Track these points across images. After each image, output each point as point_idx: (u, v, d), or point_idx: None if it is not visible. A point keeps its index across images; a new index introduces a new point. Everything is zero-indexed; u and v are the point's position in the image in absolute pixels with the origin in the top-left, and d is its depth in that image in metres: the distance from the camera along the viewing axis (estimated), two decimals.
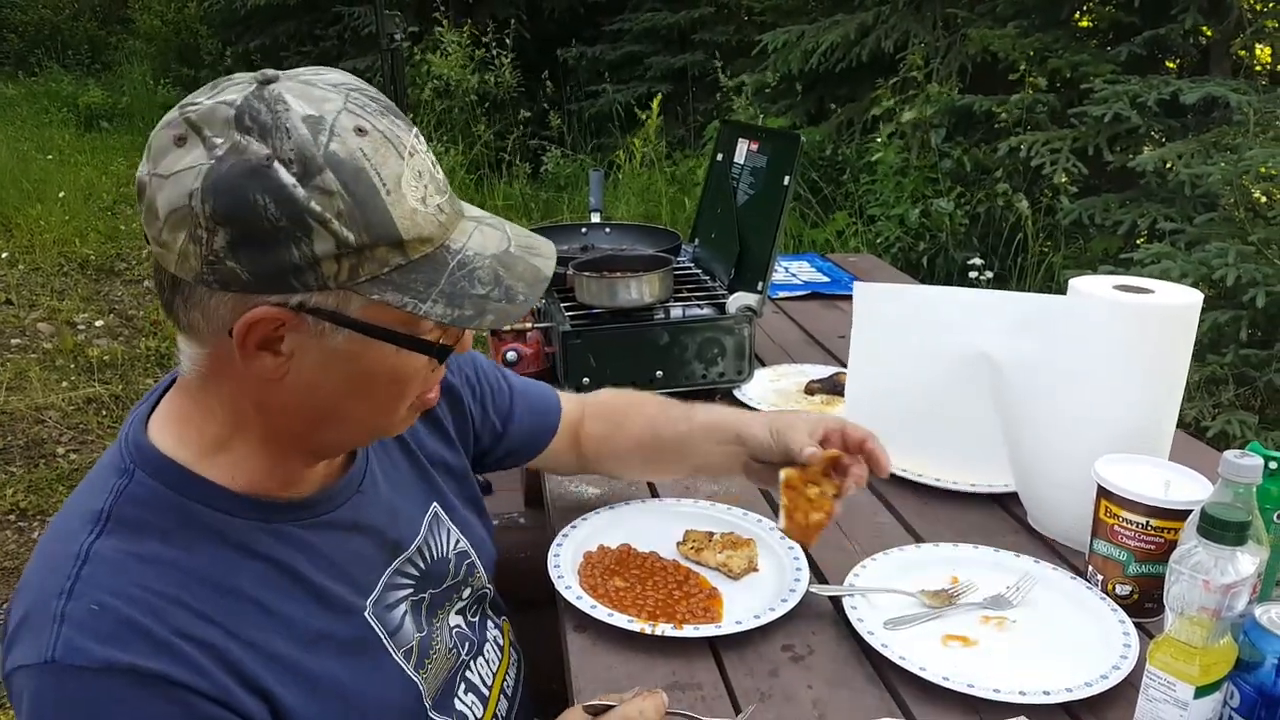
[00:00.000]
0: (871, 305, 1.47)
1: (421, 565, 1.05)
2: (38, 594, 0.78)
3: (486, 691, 1.11)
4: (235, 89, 0.78)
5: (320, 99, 0.77)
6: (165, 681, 0.77)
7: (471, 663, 1.10)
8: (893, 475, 1.46)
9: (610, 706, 0.90)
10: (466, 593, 1.12)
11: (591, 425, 1.33)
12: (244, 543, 0.86)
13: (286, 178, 0.73)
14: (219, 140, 0.75)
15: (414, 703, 0.98)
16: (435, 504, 1.09)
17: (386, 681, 0.95)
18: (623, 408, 1.34)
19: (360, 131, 0.76)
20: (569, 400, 1.33)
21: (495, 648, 1.16)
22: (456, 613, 1.10)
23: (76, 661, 0.75)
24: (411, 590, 1.02)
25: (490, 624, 1.18)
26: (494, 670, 1.14)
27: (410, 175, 0.78)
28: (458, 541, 1.11)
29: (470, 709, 1.07)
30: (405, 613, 1.00)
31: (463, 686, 1.08)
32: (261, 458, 0.88)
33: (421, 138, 0.82)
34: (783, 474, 1.13)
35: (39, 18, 13.01)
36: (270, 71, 0.80)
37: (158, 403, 0.91)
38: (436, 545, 1.07)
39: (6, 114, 9.75)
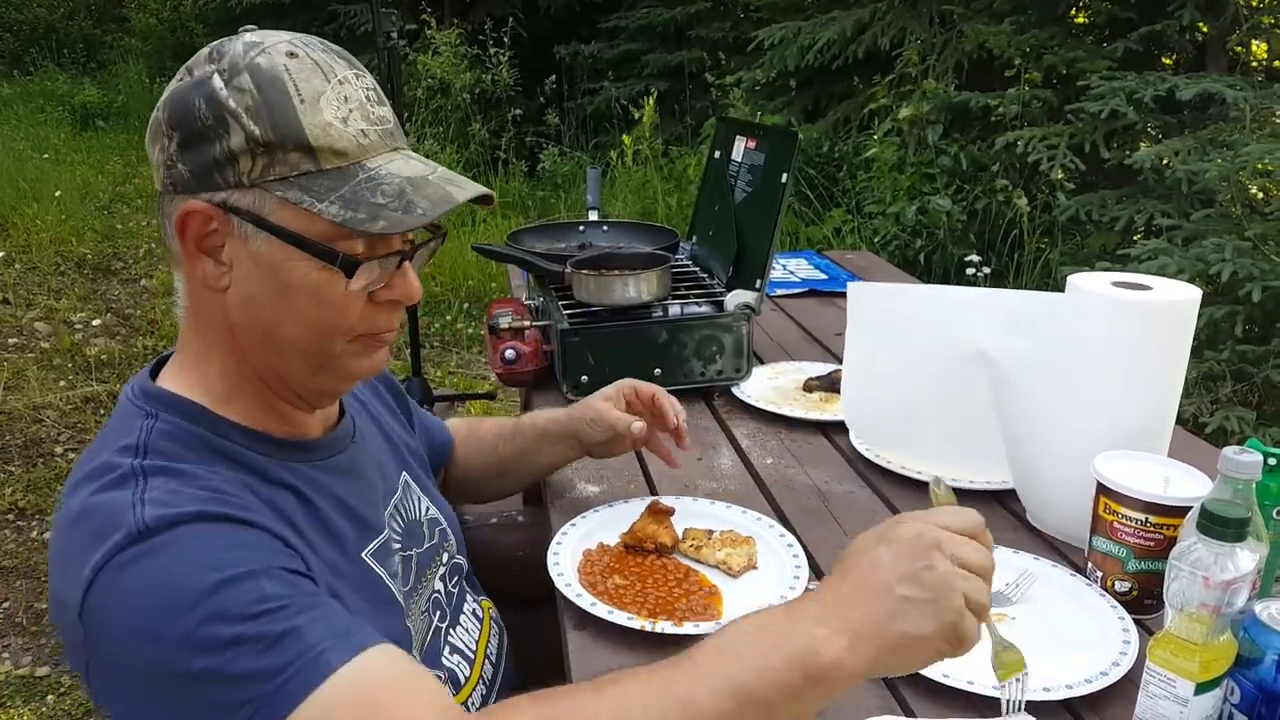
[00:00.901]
0: (865, 305, 1.47)
1: (402, 523, 1.10)
2: (102, 505, 0.81)
3: (472, 655, 1.14)
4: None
5: (271, 35, 0.89)
6: (251, 524, 0.83)
7: (449, 630, 1.12)
8: (891, 473, 1.47)
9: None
10: (444, 558, 1.17)
11: (458, 448, 1.43)
12: (266, 471, 0.92)
13: (217, 83, 0.85)
14: (196, 70, 0.88)
15: (406, 649, 0.98)
16: (405, 473, 1.16)
17: (390, 618, 0.98)
18: (468, 431, 1.45)
19: (291, 55, 0.87)
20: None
21: (473, 619, 1.19)
22: (440, 579, 1.14)
23: (169, 520, 0.79)
24: (400, 545, 1.07)
25: (469, 597, 1.21)
26: (475, 639, 1.17)
27: (334, 96, 0.87)
28: (428, 508, 1.17)
29: (458, 668, 1.11)
30: (399, 564, 1.04)
31: (447, 649, 1.11)
32: (259, 400, 0.94)
33: (369, 80, 0.91)
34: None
35: (34, 16, 12.97)
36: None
37: (157, 368, 0.97)
38: (410, 508, 1.13)
39: (2, 113, 9.73)
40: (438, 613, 1.11)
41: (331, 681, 0.77)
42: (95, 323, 4.96)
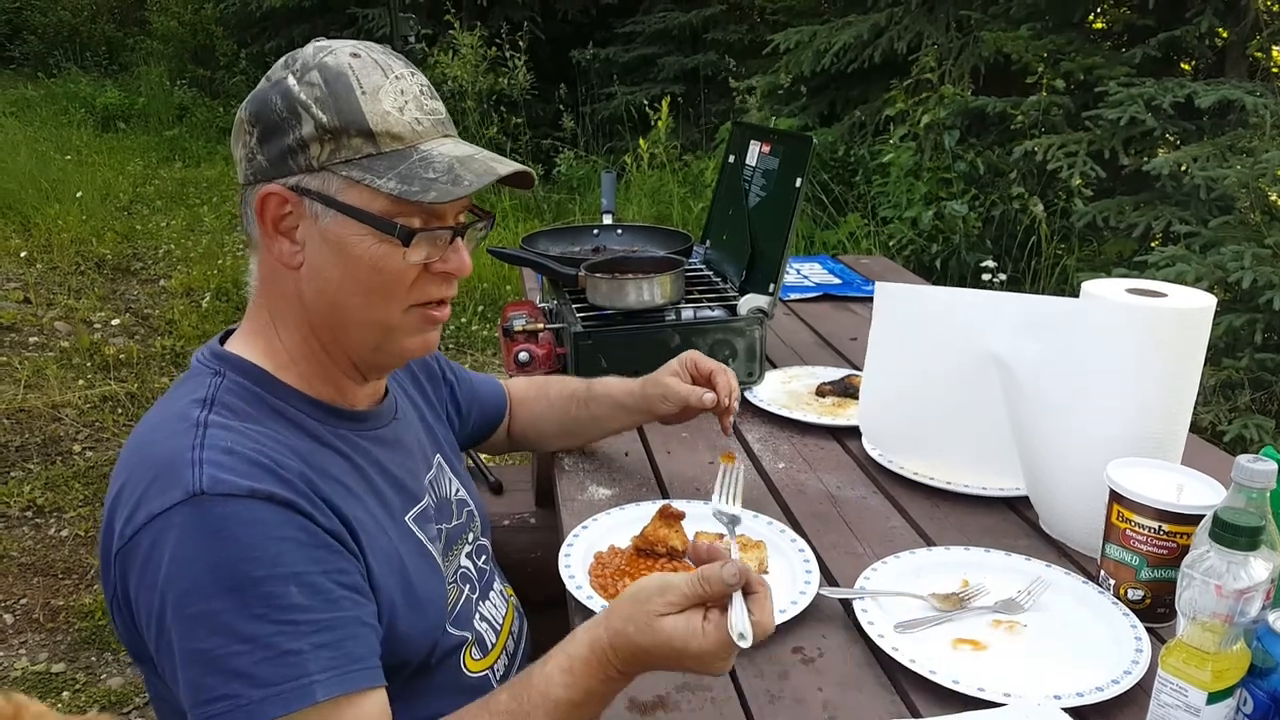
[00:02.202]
0: (892, 305, 1.47)
1: (435, 498, 1.16)
2: (166, 456, 0.89)
3: (499, 627, 1.20)
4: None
5: (338, 41, 1.00)
6: (294, 508, 0.90)
7: (479, 601, 1.18)
8: (903, 479, 1.47)
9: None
10: (470, 537, 1.22)
11: (518, 409, 1.51)
12: (319, 435, 1.01)
13: (291, 81, 0.96)
14: (273, 75, 0.99)
15: (440, 611, 1.08)
16: (438, 454, 1.22)
17: (432, 576, 1.07)
18: (538, 392, 1.53)
19: (354, 55, 0.98)
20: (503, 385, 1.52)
21: (501, 598, 1.25)
22: (466, 556, 1.20)
23: (223, 490, 0.87)
24: (435, 517, 1.14)
25: (496, 577, 1.27)
26: (502, 615, 1.23)
27: (391, 89, 0.97)
28: (458, 490, 1.23)
29: (485, 635, 1.16)
30: (437, 532, 1.12)
31: (477, 616, 1.17)
32: (320, 368, 1.03)
33: (422, 79, 1.01)
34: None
35: (58, 20, 13.10)
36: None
37: (225, 338, 1.05)
38: (442, 485, 1.20)
39: (26, 114, 9.83)
40: (467, 585, 1.18)
41: (309, 714, 0.85)
42: (114, 322, 5.00)
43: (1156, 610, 1.15)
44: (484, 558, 1.25)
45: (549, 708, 0.89)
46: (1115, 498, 1.16)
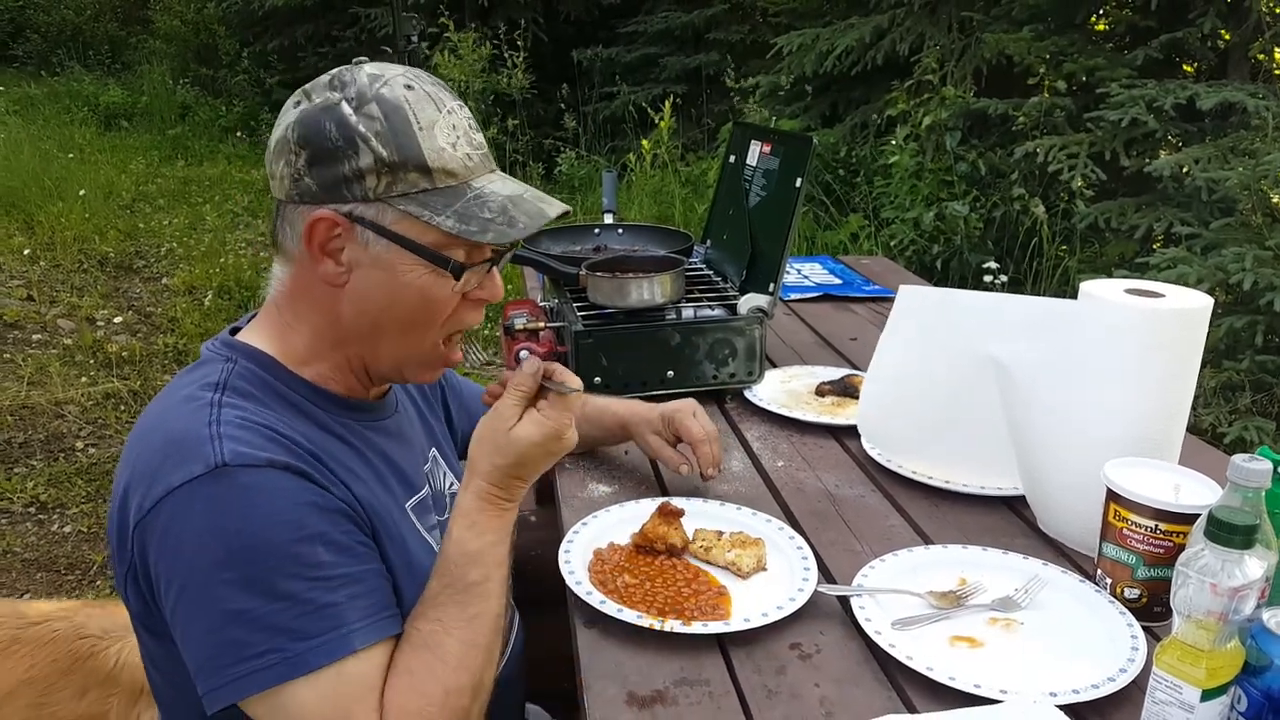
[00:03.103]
0: (912, 306, 1.47)
1: (432, 490, 1.19)
2: (180, 433, 0.93)
3: None
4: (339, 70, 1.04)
5: (387, 68, 1.03)
6: (308, 478, 0.95)
7: None
8: (902, 478, 1.48)
9: None
10: None
11: None
12: (326, 424, 1.05)
13: (346, 109, 0.98)
14: (316, 96, 1.01)
15: None
16: (433, 448, 1.25)
17: (429, 562, 1.07)
18: None
19: (408, 88, 1.00)
20: None
21: None
22: None
23: (243, 461, 0.91)
24: (432, 508, 1.18)
25: None
26: None
27: (444, 125, 1.00)
28: (452, 483, 1.26)
29: None
30: (434, 523, 1.16)
31: None
32: (335, 369, 1.07)
33: (467, 111, 1.05)
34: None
35: (61, 18, 13.12)
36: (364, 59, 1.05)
37: (236, 330, 1.09)
38: (436, 480, 1.22)
39: (29, 113, 9.84)
40: None
41: (348, 661, 0.92)
42: (117, 320, 5.01)
43: (1153, 609, 1.15)
44: None
45: (470, 561, 1.00)
46: (1112, 497, 1.16)
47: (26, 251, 5.84)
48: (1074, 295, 1.30)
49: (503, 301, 1.38)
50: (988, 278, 4.17)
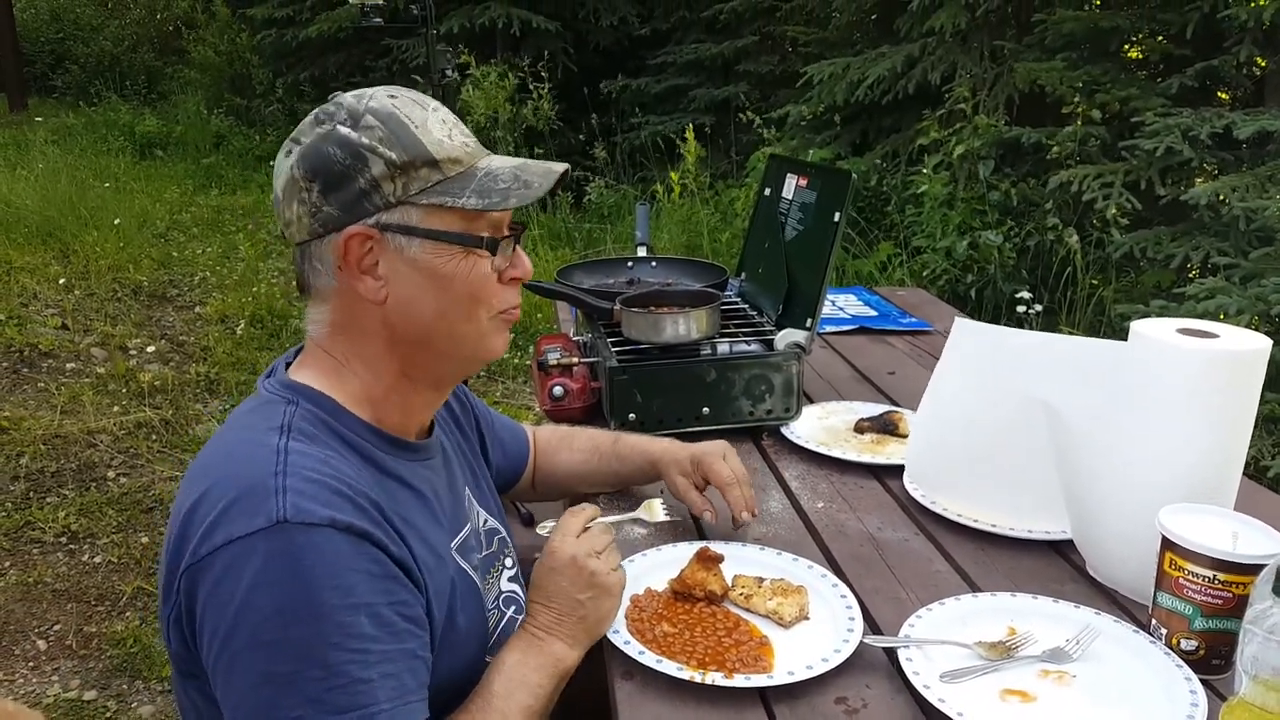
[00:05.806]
0: (966, 342, 1.44)
1: (471, 528, 1.19)
2: (248, 480, 0.93)
3: None
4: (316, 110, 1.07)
5: (364, 89, 1.06)
6: (370, 539, 0.94)
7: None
8: (946, 520, 1.44)
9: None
10: (509, 562, 1.25)
11: (542, 459, 1.54)
12: (385, 465, 1.05)
13: (344, 129, 1.01)
14: (306, 136, 1.02)
15: (480, 643, 1.12)
16: (467, 487, 1.24)
17: (477, 608, 1.12)
18: (560, 442, 1.55)
19: (391, 96, 1.04)
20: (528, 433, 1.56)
21: None
22: (509, 579, 1.23)
23: (306, 519, 0.90)
24: (474, 545, 1.18)
25: None
26: None
27: (434, 120, 1.03)
28: (486, 520, 1.24)
29: None
30: (477, 561, 1.16)
31: None
32: (400, 398, 1.08)
33: (447, 110, 1.07)
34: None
35: (100, 50, 13.42)
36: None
37: (286, 366, 1.09)
38: (472, 517, 1.21)
39: (67, 143, 10.02)
40: (511, 607, 1.21)
41: None
42: (150, 349, 5.06)
43: (1211, 662, 1.11)
44: (524, 582, 1.26)
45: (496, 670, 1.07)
46: (1168, 545, 1.13)
47: (61, 280, 5.92)
48: (1110, 325, 1.27)
49: (532, 331, 1.38)
50: (1021, 308, 4.12)
